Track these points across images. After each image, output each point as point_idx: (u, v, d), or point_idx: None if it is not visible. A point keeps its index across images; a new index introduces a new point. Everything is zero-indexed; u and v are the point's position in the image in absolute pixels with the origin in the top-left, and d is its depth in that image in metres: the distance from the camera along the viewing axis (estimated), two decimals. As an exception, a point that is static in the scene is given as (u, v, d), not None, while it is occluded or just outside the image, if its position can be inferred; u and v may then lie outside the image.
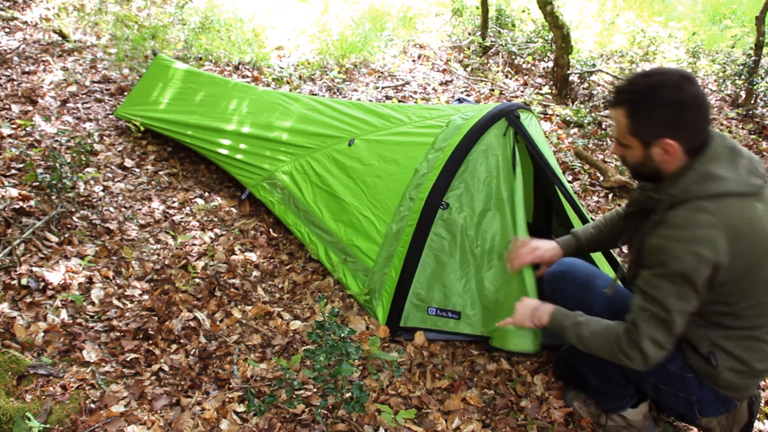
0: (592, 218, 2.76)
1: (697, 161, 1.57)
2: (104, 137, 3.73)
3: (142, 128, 3.57)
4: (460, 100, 3.31)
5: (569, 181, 3.86)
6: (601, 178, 3.92)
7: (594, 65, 5.61)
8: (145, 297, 2.49)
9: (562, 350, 2.24)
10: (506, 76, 5.70)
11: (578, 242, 2.15)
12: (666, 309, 1.57)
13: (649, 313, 1.59)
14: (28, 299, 2.34)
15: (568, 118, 4.82)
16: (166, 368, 2.14)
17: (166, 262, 2.73)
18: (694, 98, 1.56)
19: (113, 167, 3.44)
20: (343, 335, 1.79)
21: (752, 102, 5.31)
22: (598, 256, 2.46)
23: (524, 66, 5.96)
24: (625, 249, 3.02)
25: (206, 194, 3.36)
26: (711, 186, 1.54)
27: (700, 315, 1.64)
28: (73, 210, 2.93)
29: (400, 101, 4.86)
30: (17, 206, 2.80)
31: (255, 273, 2.77)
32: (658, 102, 1.57)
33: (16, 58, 4.42)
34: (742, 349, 1.66)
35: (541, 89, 5.43)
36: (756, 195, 1.56)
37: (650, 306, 1.59)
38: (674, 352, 1.71)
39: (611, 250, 2.38)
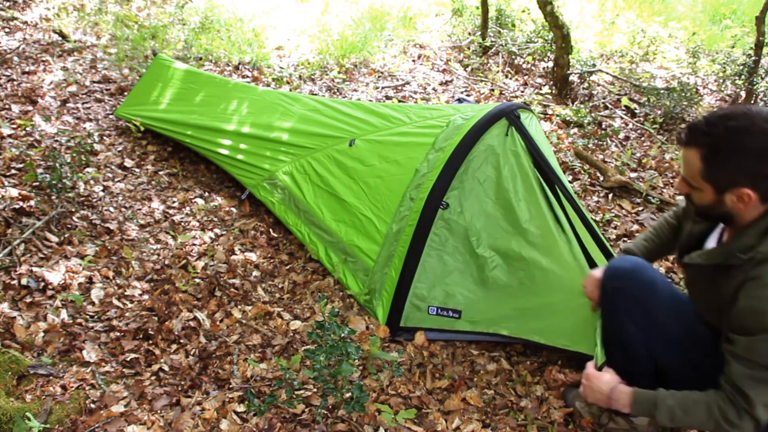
0: (592, 218, 2.77)
1: None
2: (104, 137, 3.73)
3: (142, 128, 3.57)
4: (460, 100, 3.31)
5: (569, 181, 3.86)
6: (601, 178, 3.91)
7: (594, 65, 5.60)
8: (145, 297, 2.49)
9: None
10: (506, 76, 5.70)
11: (632, 254, 2.04)
12: None
13: (757, 378, 1.47)
14: (28, 299, 2.34)
15: (568, 118, 4.82)
16: (166, 368, 2.14)
17: (166, 262, 2.73)
18: None
19: (113, 167, 3.44)
20: (343, 335, 1.79)
21: (752, 102, 5.31)
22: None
23: (524, 66, 5.96)
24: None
25: (206, 194, 3.36)
26: None
27: None
28: (73, 210, 2.93)
29: (400, 101, 4.86)
30: (17, 206, 2.80)
31: (255, 273, 2.77)
32: (740, 149, 1.44)
33: (16, 58, 4.42)
34: None
35: (541, 89, 5.43)
36: None
37: (757, 372, 1.46)
38: None
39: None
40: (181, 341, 2.28)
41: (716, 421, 1.53)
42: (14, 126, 3.58)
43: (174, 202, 3.25)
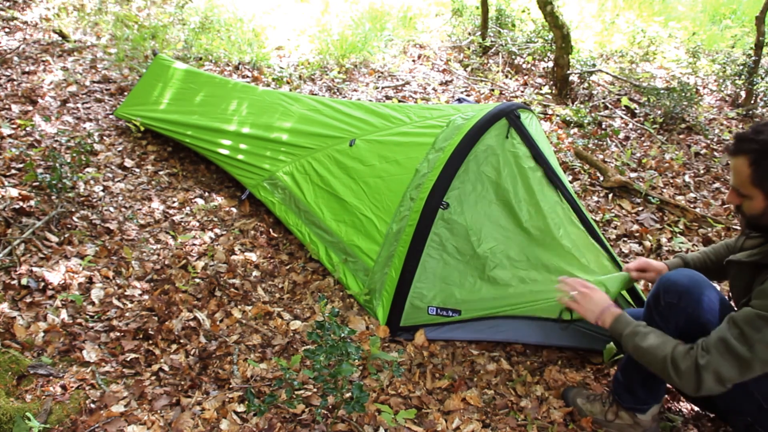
0: (592, 218, 2.76)
1: None
2: (104, 137, 3.73)
3: (142, 128, 3.57)
4: (460, 100, 3.31)
5: (569, 181, 3.86)
6: (601, 178, 3.92)
7: (594, 65, 5.61)
8: (145, 297, 2.49)
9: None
10: (506, 76, 5.70)
11: (685, 264, 2.08)
12: (752, 352, 1.50)
13: (732, 348, 1.52)
14: (28, 299, 2.34)
15: (568, 118, 4.82)
16: (166, 368, 2.14)
17: (166, 262, 2.73)
18: None
19: (113, 167, 3.44)
20: (343, 335, 1.79)
21: (752, 102, 5.31)
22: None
23: (524, 66, 5.96)
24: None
25: (206, 194, 3.36)
26: None
27: None
28: (73, 210, 2.93)
29: (400, 101, 4.86)
30: (17, 206, 2.80)
31: (255, 273, 2.77)
32: None
33: (16, 58, 4.42)
34: None
35: (541, 89, 5.43)
36: None
37: (737, 344, 1.52)
38: None
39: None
40: (181, 341, 2.28)
41: (665, 364, 1.62)
42: (14, 126, 3.58)
43: (174, 202, 3.25)
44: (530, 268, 2.37)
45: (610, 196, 3.79)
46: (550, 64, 5.70)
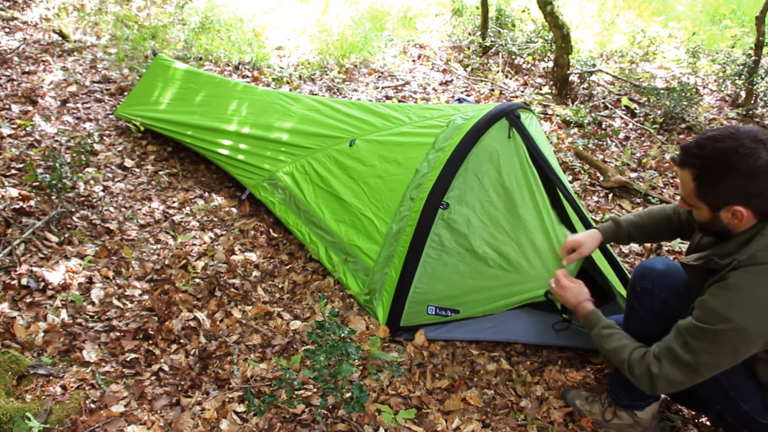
0: (592, 218, 2.77)
1: None
2: (104, 137, 3.73)
3: (142, 128, 3.57)
4: (460, 100, 3.31)
5: (569, 181, 3.86)
6: (601, 178, 3.92)
7: (594, 65, 5.60)
8: (145, 297, 2.49)
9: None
10: (506, 76, 5.70)
11: (617, 226, 2.15)
12: (697, 361, 1.56)
13: (678, 357, 1.58)
14: (28, 299, 2.34)
15: (568, 118, 4.82)
16: (166, 368, 2.14)
17: (166, 262, 2.73)
18: None
19: (113, 167, 3.44)
20: (343, 335, 1.79)
21: (752, 102, 5.31)
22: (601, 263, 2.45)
23: (524, 66, 5.96)
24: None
25: (206, 194, 3.36)
26: None
27: None
28: (73, 210, 2.93)
29: (400, 101, 4.85)
30: (17, 206, 2.80)
31: (255, 273, 2.77)
32: (728, 170, 1.50)
33: (16, 58, 4.42)
34: None
35: (541, 89, 5.43)
36: None
37: (682, 352, 1.58)
38: (754, 391, 1.68)
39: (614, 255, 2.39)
40: (181, 341, 2.28)
41: (623, 366, 1.73)
42: (14, 126, 3.58)
43: (174, 202, 3.25)
44: (530, 269, 2.37)
45: (610, 196, 3.79)
46: (550, 64, 5.70)
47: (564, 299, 2.06)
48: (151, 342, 2.25)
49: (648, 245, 3.24)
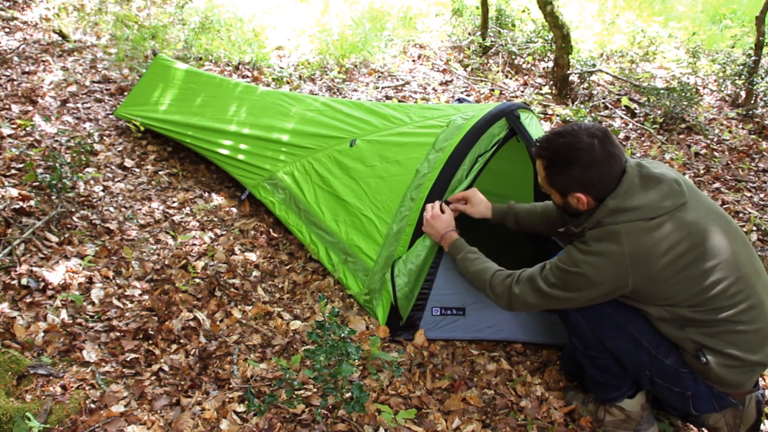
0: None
1: (610, 198, 1.75)
2: (104, 137, 3.73)
3: (142, 128, 3.57)
4: (460, 100, 3.31)
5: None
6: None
7: (594, 65, 5.61)
8: (145, 297, 2.49)
9: (567, 346, 2.25)
10: (506, 76, 5.70)
11: (508, 207, 2.35)
12: (551, 291, 1.84)
13: (536, 284, 1.87)
14: (28, 299, 2.34)
15: (568, 118, 4.82)
16: (166, 368, 2.14)
17: (166, 262, 2.73)
18: (602, 156, 1.73)
19: (113, 167, 3.44)
20: (343, 335, 1.79)
21: (752, 102, 5.31)
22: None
23: (524, 66, 5.96)
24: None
25: (206, 194, 3.36)
26: (619, 217, 1.72)
27: (669, 319, 1.76)
28: (73, 210, 2.93)
29: (400, 101, 4.86)
30: (17, 206, 2.80)
31: (255, 273, 2.77)
32: (568, 162, 1.77)
33: (16, 58, 4.42)
34: (726, 343, 1.71)
35: (541, 89, 5.43)
36: (667, 214, 1.70)
37: (541, 282, 1.86)
38: (671, 348, 1.80)
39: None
40: (181, 341, 2.28)
41: (484, 286, 2.05)
42: (14, 126, 3.58)
43: (174, 202, 3.25)
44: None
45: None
46: (550, 64, 5.70)
47: (433, 228, 2.26)
48: (151, 342, 2.25)
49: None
